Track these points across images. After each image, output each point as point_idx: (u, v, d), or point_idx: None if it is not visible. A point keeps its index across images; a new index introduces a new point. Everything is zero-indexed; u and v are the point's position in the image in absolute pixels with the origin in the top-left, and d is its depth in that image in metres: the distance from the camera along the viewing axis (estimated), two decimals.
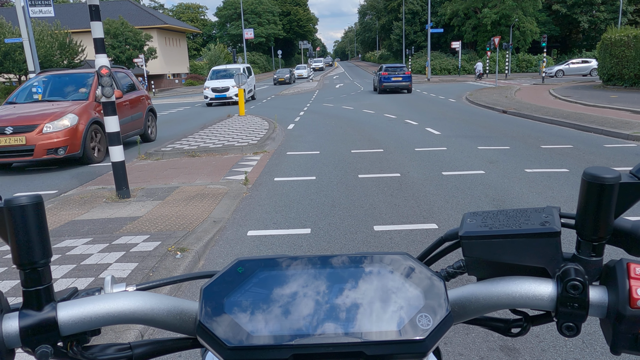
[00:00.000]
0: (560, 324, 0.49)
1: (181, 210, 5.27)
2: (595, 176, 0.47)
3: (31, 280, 0.48)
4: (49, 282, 0.49)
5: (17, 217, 0.47)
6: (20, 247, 0.47)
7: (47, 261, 0.48)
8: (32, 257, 0.47)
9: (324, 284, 0.50)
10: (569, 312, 0.48)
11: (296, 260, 0.52)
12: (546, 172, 6.58)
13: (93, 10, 5.28)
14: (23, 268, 0.48)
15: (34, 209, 0.47)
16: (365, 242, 4.23)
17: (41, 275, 0.48)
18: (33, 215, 0.47)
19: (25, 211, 0.47)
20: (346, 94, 26.84)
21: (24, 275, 0.48)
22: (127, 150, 9.14)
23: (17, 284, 3.44)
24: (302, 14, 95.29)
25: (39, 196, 0.48)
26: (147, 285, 0.58)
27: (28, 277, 0.48)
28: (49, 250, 0.48)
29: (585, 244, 0.50)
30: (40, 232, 0.47)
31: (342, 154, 8.54)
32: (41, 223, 0.48)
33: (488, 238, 0.52)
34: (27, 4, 21.31)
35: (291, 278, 0.51)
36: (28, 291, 0.48)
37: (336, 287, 0.50)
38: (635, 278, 0.46)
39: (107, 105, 5.66)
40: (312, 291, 0.49)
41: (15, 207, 0.46)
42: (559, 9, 47.17)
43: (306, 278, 0.51)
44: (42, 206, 0.48)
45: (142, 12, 49.18)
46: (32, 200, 0.47)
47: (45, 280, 0.49)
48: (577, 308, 0.48)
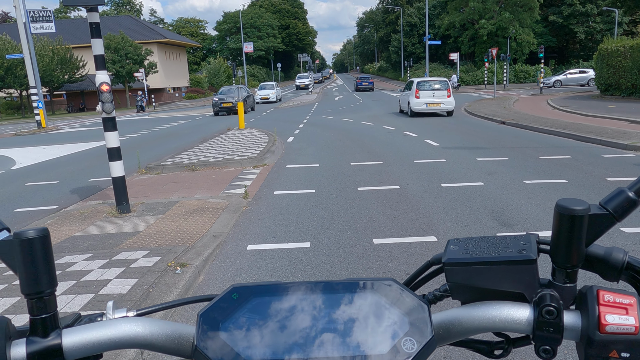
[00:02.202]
0: (537, 347, 0.52)
1: (181, 225, 5.30)
2: (566, 208, 0.50)
3: (37, 309, 0.51)
4: (54, 309, 0.52)
5: (26, 250, 0.50)
6: (28, 278, 0.50)
7: (52, 290, 0.51)
8: (39, 287, 0.50)
9: (315, 310, 0.53)
10: (545, 335, 0.51)
11: (288, 287, 0.55)
12: (545, 183, 6.61)
13: (94, 27, 5.36)
14: (30, 297, 0.51)
15: (41, 241, 0.50)
16: (364, 256, 4.24)
17: (47, 303, 0.51)
18: (40, 247, 0.50)
19: (33, 244, 0.50)
20: (345, 106, 26.99)
21: (31, 304, 0.51)
22: (127, 164, 9.16)
23: (17, 301, 3.45)
24: (301, 27, 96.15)
25: (45, 229, 0.51)
26: (147, 310, 0.61)
27: (35, 306, 0.51)
28: (54, 280, 0.51)
29: (559, 271, 0.53)
30: (46, 263, 0.50)
31: (341, 167, 8.58)
32: (47, 254, 0.51)
33: (469, 265, 0.55)
34: (28, 20, 21.54)
35: (284, 304, 0.53)
36: (35, 319, 0.51)
37: (326, 312, 0.53)
38: (604, 305, 0.49)
39: (107, 120, 5.72)
40: (304, 317, 0.52)
41: (23, 240, 0.49)
42: (555, 20, 47.62)
43: (298, 304, 0.53)
44: (49, 238, 0.51)
45: (143, 27, 49.65)
46: (39, 234, 0.50)
47: (51, 308, 0.52)
48: (553, 332, 0.50)
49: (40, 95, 24.35)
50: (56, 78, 36.31)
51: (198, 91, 53.20)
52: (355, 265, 4.03)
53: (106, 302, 3.32)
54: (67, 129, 23.57)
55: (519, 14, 43.76)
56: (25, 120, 32.56)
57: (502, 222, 4.99)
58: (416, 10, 61.50)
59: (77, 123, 27.44)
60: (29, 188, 8.54)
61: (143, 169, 9.28)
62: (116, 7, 79.24)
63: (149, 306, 0.62)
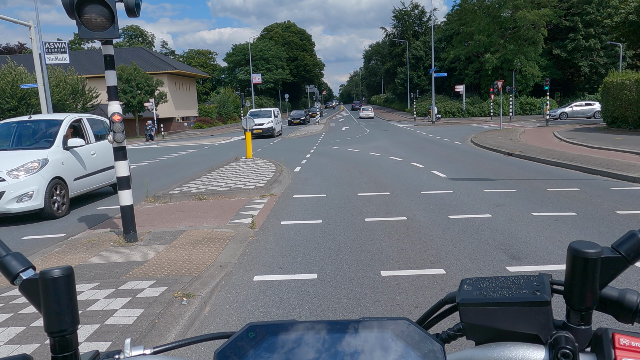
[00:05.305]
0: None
1: (188, 255, 5.29)
2: (579, 250, 0.51)
3: (60, 347, 0.52)
4: (75, 348, 0.53)
5: (51, 288, 0.51)
6: (52, 316, 0.51)
7: (74, 329, 0.52)
8: (62, 325, 0.51)
9: (329, 349, 0.53)
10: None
11: (303, 325, 0.56)
12: (553, 215, 6.57)
13: (108, 60, 5.51)
14: (53, 335, 0.52)
15: (65, 280, 0.51)
16: (372, 288, 4.20)
17: (69, 342, 0.52)
18: (65, 286, 0.51)
19: (58, 283, 0.51)
20: (352, 136, 27.19)
21: (53, 341, 0.52)
22: (135, 193, 9.21)
23: (22, 331, 3.43)
24: (308, 59, 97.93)
25: (69, 268, 0.52)
26: (164, 347, 0.61)
27: (57, 344, 0.52)
28: (77, 319, 0.52)
29: (574, 313, 0.53)
30: (70, 301, 0.52)
31: (348, 197, 8.58)
32: (71, 293, 0.52)
33: (483, 305, 0.55)
34: (43, 51, 22.14)
35: (299, 343, 0.54)
36: (57, 357, 0.52)
37: (340, 352, 0.53)
38: (620, 348, 0.49)
39: (118, 150, 5.80)
40: (319, 356, 0.53)
41: (49, 279, 0.51)
42: (560, 54, 48.23)
43: (312, 343, 0.54)
44: (73, 277, 0.52)
45: (154, 58, 50.82)
46: (64, 273, 0.51)
47: (72, 347, 0.53)
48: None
49: None
50: (69, 107, 37.01)
51: (206, 121, 53.92)
52: (363, 298, 3.99)
53: (112, 332, 3.29)
54: None
55: (523, 47, 44.40)
56: None
57: (511, 255, 4.94)
58: (422, 43, 62.58)
59: None
60: (36, 216, 8.58)
61: (151, 198, 9.33)
62: (129, 39, 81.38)
63: (165, 344, 0.62)
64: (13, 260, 0.55)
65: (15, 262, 0.55)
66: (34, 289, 0.52)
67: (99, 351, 0.58)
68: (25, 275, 0.53)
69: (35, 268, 0.54)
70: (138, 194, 9.68)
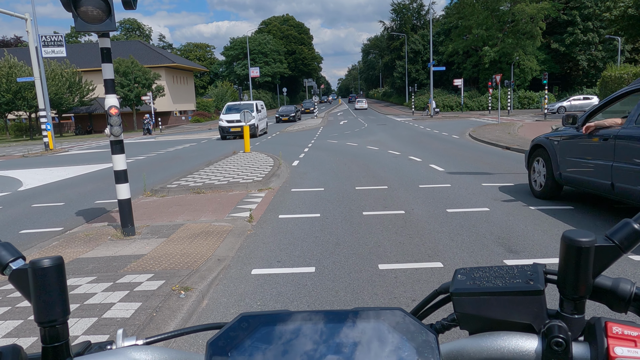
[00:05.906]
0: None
1: (185, 248, 5.29)
2: (572, 239, 0.51)
3: (50, 337, 0.52)
4: (66, 338, 0.53)
5: (40, 278, 0.50)
6: (42, 306, 0.51)
7: (65, 319, 0.52)
8: (52, 315, 0.51)
9: (322, 339, 0.53)
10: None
11: (296, 316, 0.56)
12: (551, 209, 6.58)
13: (104, 52, 5.47)
14: (43, 325, 0.51)
15: (56, 270, 0.51)
16: (370, 282, 4.21)
17: (59, 332, 0.52)
18: (55, 276, 0.51)
19: (48, 272, 0.50)
20: (350, 130, 27.16)
21: (43, 332, 0.52)
22: (133, 186, 9.20)
23: (20, 324, 3.43)
24: (307, 53, 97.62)
25: (60, 258, 0.52)
26: (156, 338, 0.61)
27: (47, 334, 0.52)
28: (67, 309, 0.52)
29: (567, 302, 0.53)
30: (60, 291, 0.51)
31: (346, 191, 8.58)
32: (62, 283, 0.51)
33: (476, 295, 0.55)
34: (40, 44, 22.00)
35: (291, 333, 0.54)
36: (47, 347, 0.52)
37: (333, 342, 0.53)
38: (612, 337, 0.49)
39: (115, 143, 5.78)
40: (311, 346, 0.52)
41: (39, 268, 0.50)
42: (558, 48, 48.17)
43: (305, 333, 0.54)
44: (63, 267, 0.52)
45: (151, 52, 50.57)
46: (54, 262, 0.51)
47: (63, 337, 0.52)
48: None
49: (49, 118, 24.66)
50: (66, 101, 36.87)
51: (204, 114, 53.80)
52: (361, 291, 4.00)
53: (109, 326, 3.30)
54: (74, 151, 23.80)
55: (521, 41, 44.33)
56: (33, 142, 32.94)
57: (508, 249, 4.95)
58: (420, 37, 62.42)
59: (84, 145, 27.72)
60: (34, 209, 8.58)
61: (149, 192, 9.32)
62: (126, 32, 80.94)
63: (158, 334, 0.62)
64: (2, 250, 0.54)
65: (5, 252, 0.54)
66: (24, 279, 0.51)
67: (90, 342, 0.57)
68: (15, 265, 0.53)
69: (25, 258, 0.54)
70: (136, 187, 9.66)
